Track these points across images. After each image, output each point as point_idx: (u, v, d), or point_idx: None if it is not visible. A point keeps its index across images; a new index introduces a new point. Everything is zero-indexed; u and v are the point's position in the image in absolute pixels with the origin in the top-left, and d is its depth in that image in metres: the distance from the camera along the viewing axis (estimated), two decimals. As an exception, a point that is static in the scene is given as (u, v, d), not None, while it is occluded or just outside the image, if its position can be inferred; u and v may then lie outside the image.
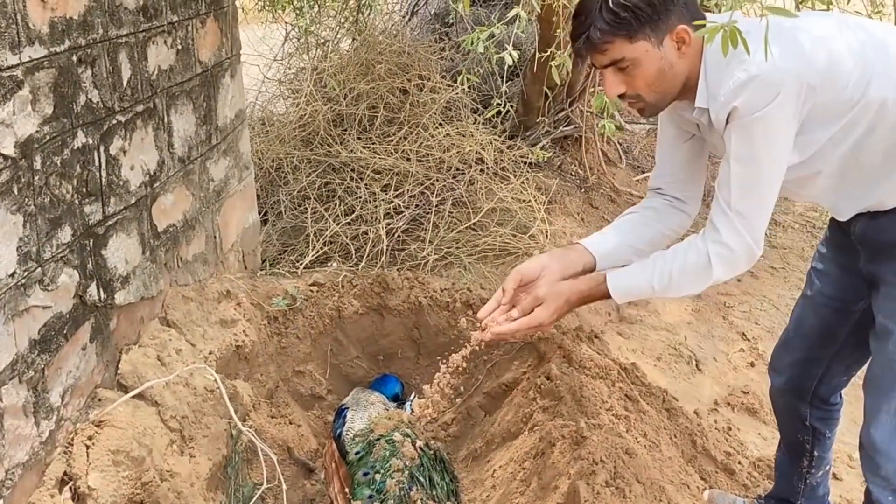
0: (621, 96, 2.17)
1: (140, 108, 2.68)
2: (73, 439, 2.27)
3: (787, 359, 2.69)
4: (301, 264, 3.96)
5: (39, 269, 2.14)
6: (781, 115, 2.00)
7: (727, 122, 2.05)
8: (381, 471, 3.00)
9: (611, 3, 2.01)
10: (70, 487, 2.19)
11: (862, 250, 2.31)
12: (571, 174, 5.63)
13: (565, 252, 2.44)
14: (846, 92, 2.04)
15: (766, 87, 1.97)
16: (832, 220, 2.46)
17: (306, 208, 4.41)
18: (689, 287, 2.22)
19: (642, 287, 2.25)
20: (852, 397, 2.83)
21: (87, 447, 2.25)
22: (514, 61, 3.23)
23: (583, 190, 5.49)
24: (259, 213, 4.00)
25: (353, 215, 4.33)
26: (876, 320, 2.26)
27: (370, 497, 2.93)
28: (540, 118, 5.49)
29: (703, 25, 1.66)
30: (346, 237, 4.18)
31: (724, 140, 2.10)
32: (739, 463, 3.29)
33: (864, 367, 2.44)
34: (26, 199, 2.08)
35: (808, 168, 2.16)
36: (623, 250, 2.42)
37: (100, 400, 2.43)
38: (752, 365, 4.19)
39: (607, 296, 2.29)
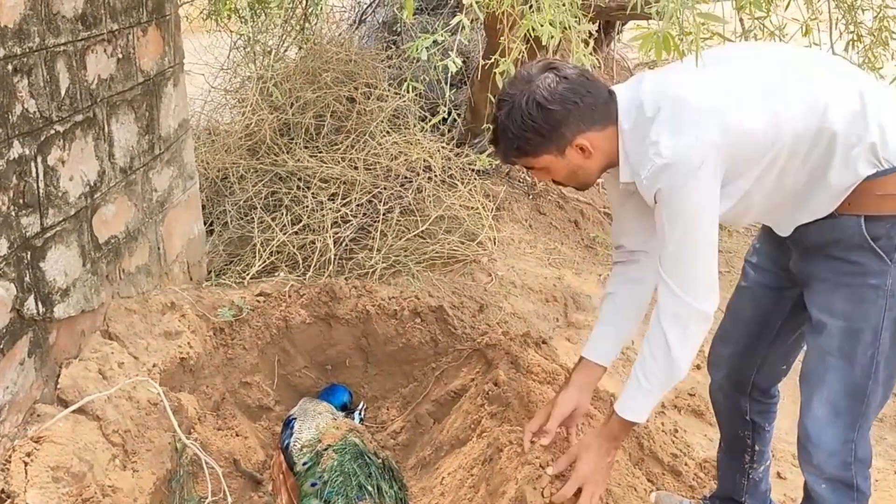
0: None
1: (79, 117, 2.64)
2: (10, 456, 2.23)
3: (726, 351, 2.76)
4: (248, 275, 3.93)
5: (-26, 282, 2.10)
6: (703, 185, 2.13)
7: (655, 201, 2.20)
8: (329, 481, 2.98)
9: (509, 135, 2.30)
10: (8, 505, 2.15)
11: (794, 249, 2.39)
12: (519, 181, 5.65)
13: (584, 377, 2.66)
14: (759, 140, 2.16)
15: (681, 170, 2.11)
16: None
17: (253, 218, 4.38)
18: (677, 367, 2.32)
19: (645, 400, 2.40)
20: (795, 397, 2.88)
21: (26, 464, 2.21)
22: (458, 68, 3.25)
23: (531, 196, 5.52)
24: (205, 224, 3.96)
25: (301, 224, 4.31)
26: (811, 315, 2.33)
27: (319, 508, 2.91)
28: (487, 125, 5.50)
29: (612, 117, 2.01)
30: (294, 247, 4.16)
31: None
32: (686, 464, 3.32)
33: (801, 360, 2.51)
34: (-41, 212, 2.04)
35: (740, 206, 2.28)
36: (623, 338, 2.65)
37: (38, 415, 2.39)
38: (697, 367, 4.23)
39: (627, 423, 2.45)
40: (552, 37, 3.15)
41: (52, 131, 2.48)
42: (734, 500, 2.95)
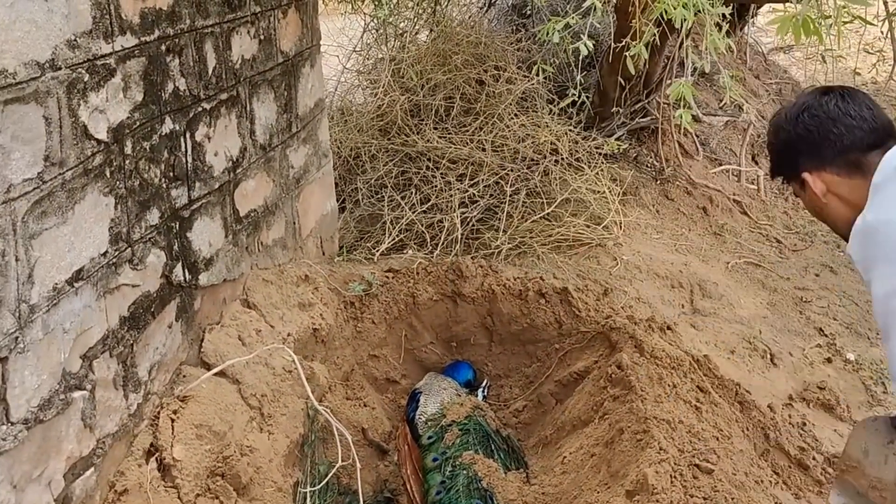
0: None
1: (224, 96, 2.77)
2: (158, 413, 2.38)
3: None
4: (377, 251, 4.03)
5: (129, 249, 2.24)
6: None
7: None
8: (452, 458, 3.05)
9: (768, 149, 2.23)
10: (156, 459, 2.29)
11: None
12: (647, 166, 5.59)
13: None
14: None
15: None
16: None
17: (383, 196, 4.48)
18: None
19: None
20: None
21: (172, 420, 2.35)
22: (589, 51, 3.24)
23: (658, 182, 5.45)
24: (337, 201, 4.08)
25: (429, 204, 4.39)
26: None
27: (442, 482, 2.98)
28: (616, 109, 5.47)
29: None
30: (422, 225, 4.24)
31: None
32: (814, 458, 3.25)
33: None
34: (117, 182, 2.18)
35: None
36: None
37: (184, 376, 2.53)
38: (829, 361, 4.12)
39: None
40: (685, 20, 3.12)
41: (200, 108, 2.62)
42: None
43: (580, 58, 3.64)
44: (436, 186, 4.48)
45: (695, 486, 2.48)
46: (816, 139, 2.05)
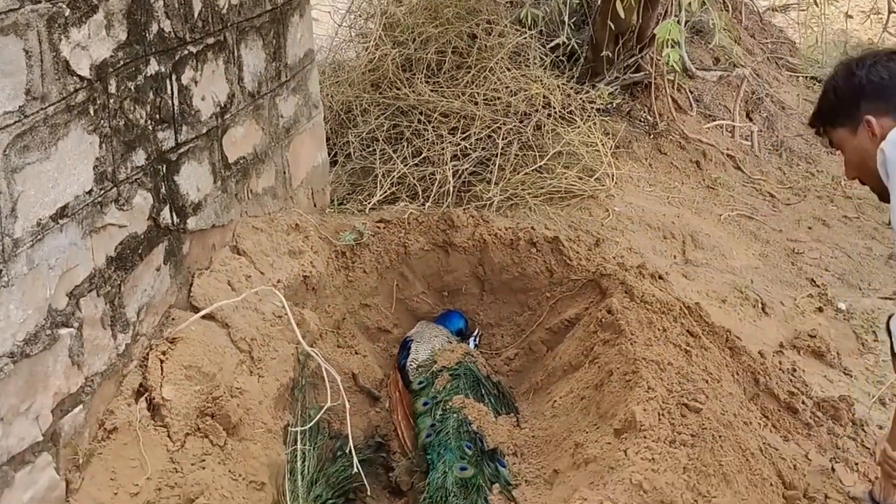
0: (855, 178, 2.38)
1: (211, 40, 2.75)
2: (148, 354, 2.39)
3: None
4: (369, 204, 4.03)
5: (115, 189, 2.24)
6: None
7: None
8: (442, 402, 3.07)
9: (820, 95, 2.34)
10: (146, 398, 2.31)
11: None
12: (640, 120, 5.57)
13: None
14: None
15: None
16: None
17: (375, 150, 4.47)
18: None
19: None
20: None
21: (162, 361, 2.36)
22: (578, 2, 3.21)
23: (651, 136, 5.42)
24: (329, 155, 4.07)
25: (421, 157, 4.38)
26: None
27: (432, 425, 3.00)
28: (606, 54, 5.42)
29: None
30: (414, 178, 4.23)
31: None
32: (803, 403, 3.26)
33: None
34: (102, 121, 2.17)
35: None
36: None
37: (173, 319, 2.54)
38: (820, 310, 4.14)
39: None
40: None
41: (186, 52, 2.60)
42: None
43: (568, 5, 3.60)
44: (428, 140, 4.46)
45: (683, 424, 2.50)
46: (886, 86, 2.17)
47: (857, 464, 2.99)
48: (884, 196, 2.24)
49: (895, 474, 2.52)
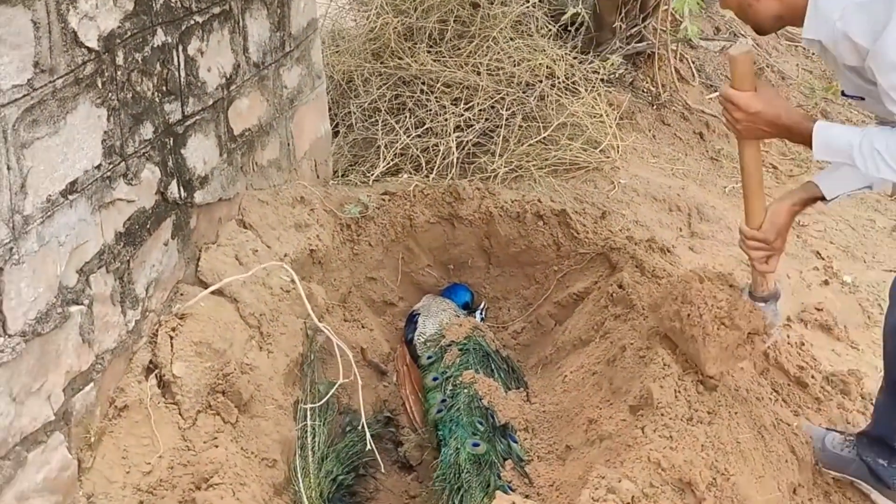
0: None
1: (216, 9, 2.69)
2: (157, 330, 2.35)
3: None
4: (372, 175, 3.98)
5: (123, 163, 2.19)
6: None
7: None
8: (452, 378, 3.04)
9: None
10: (156, 375, 2.27)
11: None
12: (643, 91, 5.51)
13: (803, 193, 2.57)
14: None
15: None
16: None
17: (377, 120, 4.41)
18: (886, 167, 2.08)
19: (842, 143, 2.16)
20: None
21: (171, 338, 2.33)
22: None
23: (654, 107, 5.38)
24: (331, 125, 4.01)
25: (424, 128, 4.32)
26: None
27: (443, 401, 2.98)
28: (612, 23, 5.36)
29: None
30: (417, 149, 4.18)
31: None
32: (812, 377, 3.24)
33: None
34: (109, 94, 2.11)
35: None
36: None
37: (182, 294, 2.50)
38: (826, 283, 4.11)
39: (808, 141, 2.23)
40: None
41: (192, 21, 2.54)
42: (886, 444, 2.66)
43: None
44: (430, 110, 4.41)
45: (699, 402, 2.47)
46: None
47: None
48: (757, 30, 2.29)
49: (752, 255, 2.56)
